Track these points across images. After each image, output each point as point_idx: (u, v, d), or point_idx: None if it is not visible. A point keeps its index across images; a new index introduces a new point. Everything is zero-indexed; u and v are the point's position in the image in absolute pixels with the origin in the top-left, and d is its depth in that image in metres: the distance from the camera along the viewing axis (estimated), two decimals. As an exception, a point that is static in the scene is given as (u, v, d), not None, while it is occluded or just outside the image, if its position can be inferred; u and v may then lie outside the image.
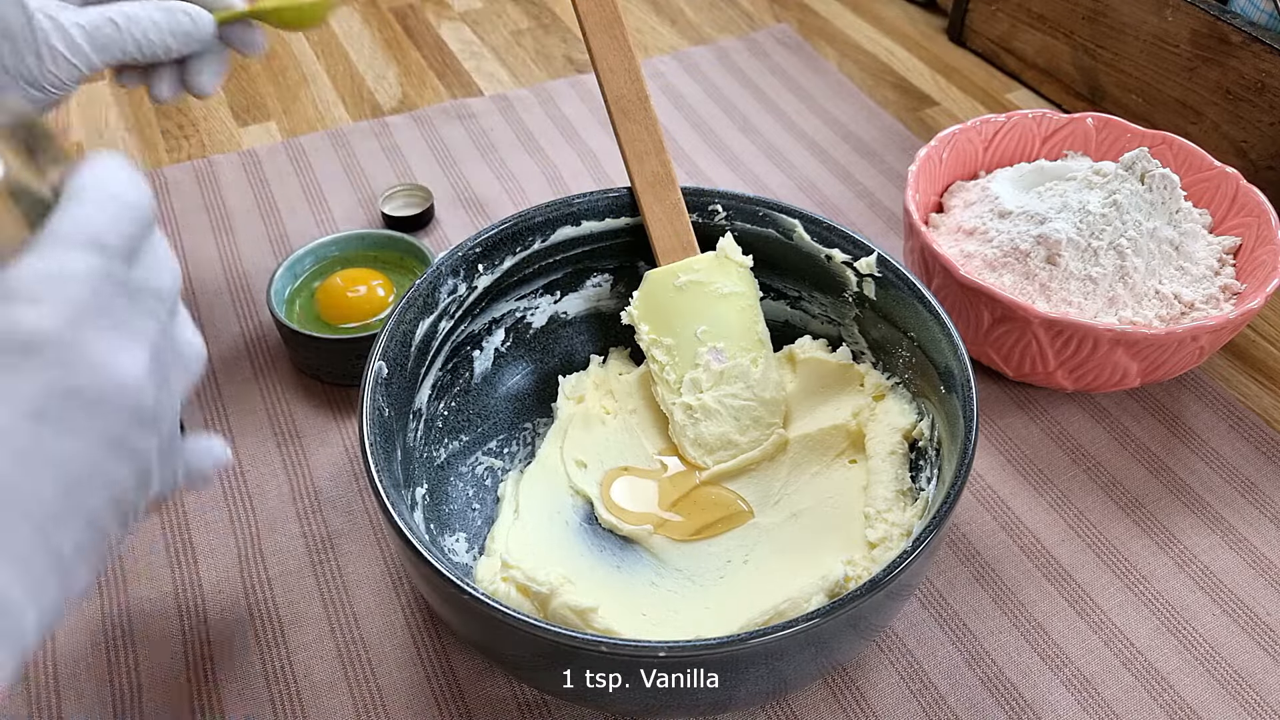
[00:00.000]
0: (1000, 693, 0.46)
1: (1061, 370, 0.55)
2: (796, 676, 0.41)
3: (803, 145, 0.78)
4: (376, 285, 0.58)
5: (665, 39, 0.90)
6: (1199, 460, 0.56)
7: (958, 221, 0.61)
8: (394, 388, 0.46)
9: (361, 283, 0.58)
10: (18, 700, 0.45)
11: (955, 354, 0.45)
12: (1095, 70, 0.78)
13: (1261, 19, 0.68)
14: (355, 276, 0.59)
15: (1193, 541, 0.52)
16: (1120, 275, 0.55)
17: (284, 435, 0.56)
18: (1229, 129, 0.70)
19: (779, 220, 0.53)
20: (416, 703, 0.45)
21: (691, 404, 0.52)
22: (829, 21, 0.92)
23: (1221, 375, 0.61)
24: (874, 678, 0.47)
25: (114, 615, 0.48)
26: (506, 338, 0.55)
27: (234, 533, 0.52)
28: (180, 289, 0.31)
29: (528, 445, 0.55)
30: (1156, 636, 0.48)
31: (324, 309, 0.58)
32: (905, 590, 0.43)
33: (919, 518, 0.46)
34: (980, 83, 0.85)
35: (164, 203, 0.70)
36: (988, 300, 0.53)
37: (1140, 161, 0.57)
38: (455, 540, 0.49)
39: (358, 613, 0.49)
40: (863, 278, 0.51)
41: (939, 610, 0.49)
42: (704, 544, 0.50)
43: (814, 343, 0.55)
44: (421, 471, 0.48)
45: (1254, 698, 0.46)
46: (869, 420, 0.51)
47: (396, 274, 0.61)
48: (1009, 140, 0.65)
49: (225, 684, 0.46)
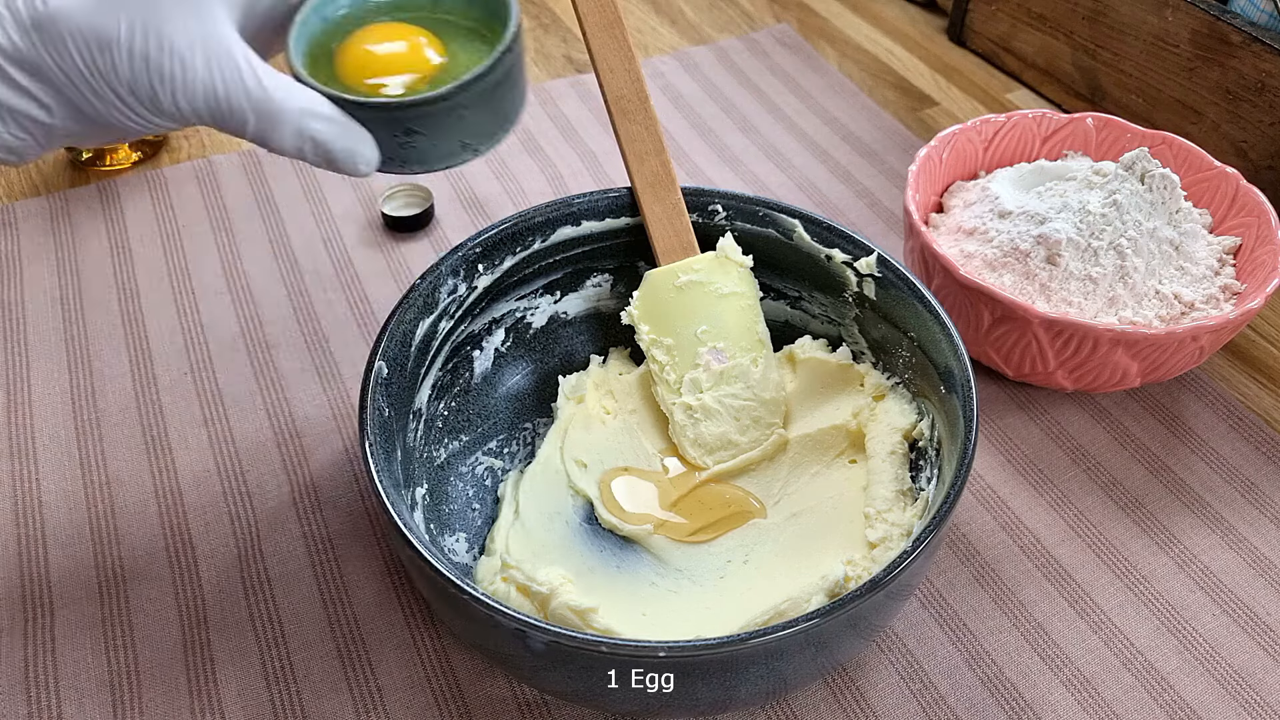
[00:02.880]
0: (1000, 693, 0.46)
1: (1061, 370, 0.55)
2: (796, 676, 0.41)
3: (803, 145, 0.78)
4: (421, 42, 0.43)
5: (665, 39, 0.90)
6: (1199, 460, 0.56)
7: (958, 221, 0.61)
8: (394, 388, 0.46)
9: (401, 38, 0.43)
10: (18, 700, 0.45)
11: (955, 354, 0.45)
12: (1095, 70, 0.78)
13: (1261, 19, 0.68)
14: (389, 32, 0.44)
15: (1193, 541, 0.52)
16: (1120, 275, 0.55)
17: (284, 435, 0.56)
18: (1229, 129, 0.70)
19: (779, 220, 0.53)
20: (416, 703, 0.45)
21: (691, 404, 0.52)
22: (829, 21, 0.92)
23: (1221, 375, 0.61)
24: (874, 678, 0.47)
25: (114, 615, 0.48)
26: (506, 338, 0.55)
27: (234, 533, 0.52)
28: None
29: (528, 445, 0.55)
30: (1156, 636, 0.48)
31: (344, 63, 0.43)
32: (905, 590, 0.43)
33: (919, 518, 0.46)
34: (980, 83, 0.85)
35: (164, 203, 0.70)
36: (988, 300, 0.53)
37: (1140, 161, 0.57)
38: (455, 540, 0.49)
39: (358, 613, 0.49)
40: (863, 278, 0.51)
41: (939, 610, 0.49)
42: (704, 544, 0.50)
43: (814, 343, 0.55)
44: (421, 471, 0.48)
45: (1254, 698, 0.46)
46: (869, 420, 0.51)
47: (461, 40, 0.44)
48: (1009, 140, 0.65)
49: (225, 684, 0.46)
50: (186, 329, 0.62)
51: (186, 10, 0.36)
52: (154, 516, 0.52)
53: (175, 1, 0.36)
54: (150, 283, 0.65)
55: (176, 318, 0.62)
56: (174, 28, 0.36)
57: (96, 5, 0.35)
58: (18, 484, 0.53)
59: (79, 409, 0.57)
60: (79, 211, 0.69)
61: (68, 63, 0.35)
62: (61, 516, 0.52)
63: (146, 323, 0.62)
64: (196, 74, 0.36)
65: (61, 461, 0.54)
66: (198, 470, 0.54)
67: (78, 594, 0.49)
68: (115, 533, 0.51)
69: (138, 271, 0.65)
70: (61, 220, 0.68)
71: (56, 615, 0.48)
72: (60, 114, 0.36)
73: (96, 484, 0.54)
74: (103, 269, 0.65)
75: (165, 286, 0.64)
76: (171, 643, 0.47)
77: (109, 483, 0.54)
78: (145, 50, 0.35)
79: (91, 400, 0.57)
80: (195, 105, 0.36)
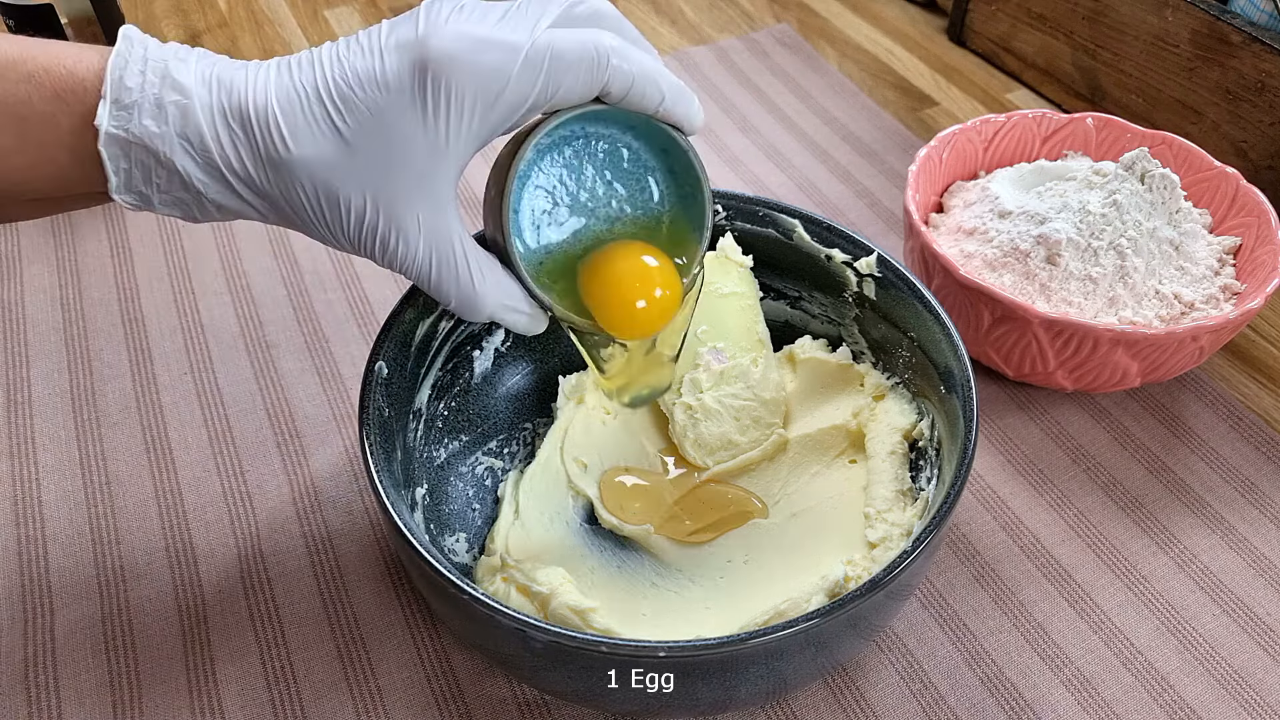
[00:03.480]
0: (1000, 693, 0.46)
1: (1061, 370, 0.55)
2: (796, 676, 0.41)
3: (803, 145, 0.78)
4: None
5: (665, 39, 0.90)
6: (1199, 460, 0.56)
7: (958, 221, 0.61)
8: (394, 388, 0.46)
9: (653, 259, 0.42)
10: (18, 700, 0.45)
11: (955, 354, 0.45)
12: (1095, 70, 0.78)
13: (1261, 19, 0.68)
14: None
15: (1193, 541, 0.52)
16: (1120, 275, 0.55)
17: (284, 435, 0.56)
18: (1229, 129, 0.70)
19: (779, 220, 0.53)
20: (416, 703, 0.45)
21: (691, 404, 0.52)
22: (829, 21, 0.92)
23: (1221, 375, 0.61)
24: (874, 678, 0.47)
25: (114, 615, 0.48)
26: (507, 337, 0.55)
27: (234, 533, 0.52)
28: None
29: (528, 445, 0.55)
30: (1156, 636, 0.48)
31: (598, 280, 0.42)
32: (905, 590, 0.43)
33: (919, 518, 0.46)
34: (980, 83, 0.85)
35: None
36: (988, 300, 0.53)
37: (1140, 161, 0.57)
38: (455, 540, 0.49)
39: (358, 613, 0.49)
40: (863, 278, 0.51)
41: (939, 610, 0.49)
42: (704, 544, 0.50)
43: (814, 343, 0.55)
44: (421, 471, 0.48)
45: (1254, 698, 0.46)
46: (869, 420, 0.51)
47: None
48: (1009, 140, 0.65)
49: (225, 684, 0.46)
50: (186, 329, 0.62)
51: (422, 195, 0.36)
52: (154, 516, 0.52)
53: (413, 185, 0.36)
54: (150, 283, 0.65)
55: (176, 318, 0.62)
56: (405, 209, 0.36)
57: (336, 167, 0.35)
58: (18, 484, 0.53)
59: (79, 409, 0.57)
60: (79, 212, 0.69)
61: (295, 201, 0.36)
62: (61, 516, 0.52)
63: (146, 323, 0.62)
64: (418, 255, 0.37)
65: (61, 461, 0.54)
66: (198, 470, 0.54)
67: (78, 594, 0.49)
68: (115, 533, 0.51)
69: (138, 271, 0.65)
70: (61, 220, 0.68)
71: (56, 615, 0.48)
72: (274, 220, 0.37)
73: (96, 484, 0.54)
74: (103, 269, 0.65)
75: (165, 286, 0.64)
76: (171, 643, 0.47)
77: (109, 483, 0.54)
78: (374, 222, 0.36)
79: (91, 400, 0.57)
80: (404, 272, 0.38)
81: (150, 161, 0.35)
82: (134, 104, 0.34)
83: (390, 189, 0.36)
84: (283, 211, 0.36)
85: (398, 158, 0.35)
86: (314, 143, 0.35)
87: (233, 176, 0.35)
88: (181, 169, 0.35)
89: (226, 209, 0.37)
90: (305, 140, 0.35)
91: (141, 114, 0.34)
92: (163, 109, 0.34)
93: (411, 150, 0.35)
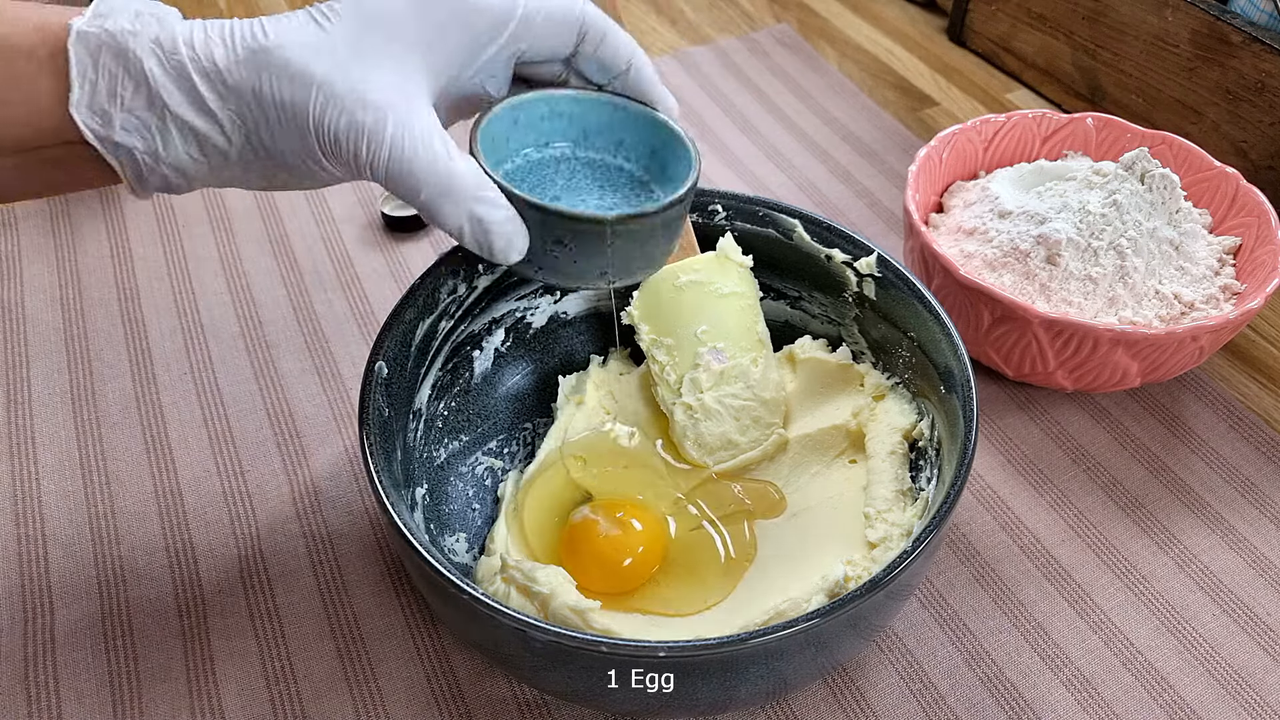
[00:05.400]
0: (1000, 693, 0.46)
1: (1061, 370, 0.55)
2: (796, 676, 0.41)
3: (803, 145, 0.78)
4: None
5: (665, 39, 0.90)
6: (1199, 460, 0.56)
7: (958, 221, 0.61)
8: (394, 388, 0.46)
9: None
10: (18, 700, 0.45)
11: (955, 354, 0.45)
12: (1095, 70, 0.78)
13: (1261, 19, 0.68)
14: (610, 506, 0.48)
15: (1193, 541, 0.52)
16: (1120, 275, 0.55)
17: (284, 435, 0.56)
18: (1229, 129, 0.70)
19: (779, 220, 0.53)
20: (416, 703, 0.45)
21: (692, 404, 0.52)
22: (829, 21, 0.92)
23: (1221, 375, 0.61)
24: (874, 678, 0.47)
25: (114, 615, 0.48)
26: (506, 338, 0.55)
27: (234, 533, 0.52)
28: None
29: (528, 445, 0.55)
30: (1156, 636, 0.48)
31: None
32: (905, 590, 0.43)
33: (919, 518, 0.46)
34: (980, 83, 0.85)
35: (164, 203, 0.70)
36: (988, 300, 0.53)
37: (1140, 161, 0.57)
38: (455, 540, 0.49)
39: (358, 613, 0.49)
40: (863, 278, 0.51)
41: (939, 610, 0.49)
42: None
43: (814, 343, 0.55)
44: (421, 471, 0.48)
45: (1254, 698, 0.46)
46: (869, 420, 0.51)
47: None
48: (1009, 140, 0.65)
49: (225, 683, 0.46)
50: (186, 329, 0.62)
51: (392, 71, 0.37)
52: (154, 516, 0.52)
53: (385, 66, 0.37)
54: (150, 283, 0.65)
55: (176, 318, 0.62)
56: (377, 85, 0.36)
57: (314, 48, 0.36)
58: (18, 484, 0.53)
59: (79, 409, 0.57)
60: (79, 211, 0.69)
61: (266, 97, 0.36)
62: (61, 516, 0.52)
63: (146, 323, 0.62)
64: (387, 131, 0.37)
65: (61, 461, 0.54)
66: (198, 470, 0.54)
67: (78, 594, 0.49)
68: (115, 533, 0.51)
69: (138, 271, 0.65)
70: (61, 220, 0.68)
71: (56, 615, 0.48)
72: (237, 144, 0.37)
73: (96, 484, 0.54)
74: (103, 269, 0.65)
75: (165, 286, 0.64)
76: (171, 642, 0.47)
77: (109, 483, 0.54)
78: (346, 105, 0.36)
79: (91, 400, 0.57)
80: (376, 159, 0.37)
81: (118, 70, 0.35)
82: (112, 10, 0.36)
83: (363, 67, 0.36)
84: (249, 118, 0.36)
85: (377, 41, 0.37)
86: (293, 28, 0.36)
87: (201, 79, 0.36)
88: (149, 73, 0.35)
89: (188, 129, 0.36)
90: (285, 26, 0.36)
91: (119, 17, 0.36)
92: (140, 16, 0.36)
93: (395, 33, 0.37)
